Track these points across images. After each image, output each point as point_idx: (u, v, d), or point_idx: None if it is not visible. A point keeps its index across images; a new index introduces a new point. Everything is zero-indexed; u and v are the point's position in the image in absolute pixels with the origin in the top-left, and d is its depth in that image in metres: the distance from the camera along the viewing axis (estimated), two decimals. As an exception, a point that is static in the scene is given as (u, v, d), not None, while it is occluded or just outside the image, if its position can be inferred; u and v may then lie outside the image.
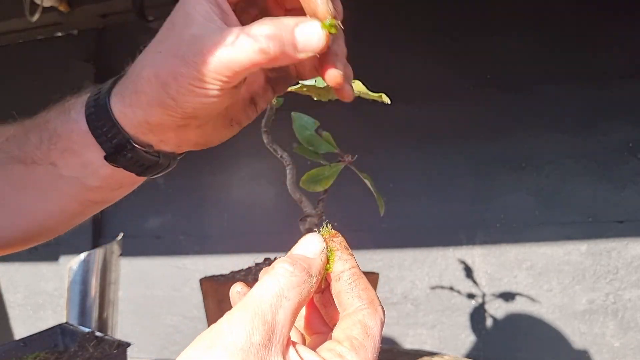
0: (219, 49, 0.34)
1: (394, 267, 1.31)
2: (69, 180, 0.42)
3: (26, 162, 0.42)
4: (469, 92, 1.29)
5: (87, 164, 0.41)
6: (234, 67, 0.34)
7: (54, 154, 0.42)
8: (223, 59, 0.34)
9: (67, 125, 0.41)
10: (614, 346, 1.16)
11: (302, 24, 0.34)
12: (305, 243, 0.33)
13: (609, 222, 1.18)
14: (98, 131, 0.40)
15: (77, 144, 0.41)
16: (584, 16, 1.23)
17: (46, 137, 0.42)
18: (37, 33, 1.62)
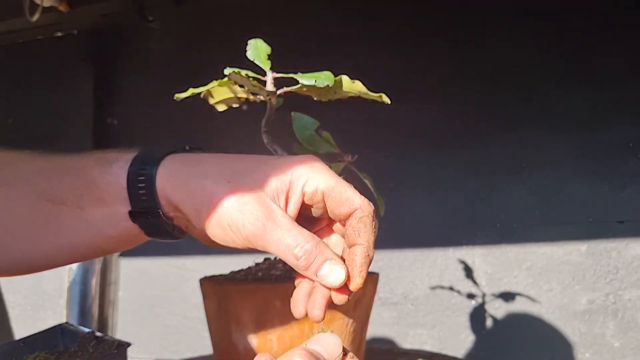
0: (268, 228, 0.39)
1: (394, 267, 1.31)
2: (90, 225, 0.44)
3: (54, 201, 0.44)
4: (469, 92, 1.29)
5: (112, 215, 0.44)
6: (266, 247, 0.40)
7: (85, 200, 0.44)
8: (264, 236, 0.39)
9: (107, 177, 0.44)
10: (614, 346, 1.16)
11: (333, 264, 0.40)
12: (324, 342, 0.35)
13: (609, 222, 1.18)
14: (134, 191, 0.43)
15: (110, 195, 0.43)
16: (584, 16, 1.23)
17: (82, 184, 0.44)
18: (37, 33, 1.62)
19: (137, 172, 0.43)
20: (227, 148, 1.55)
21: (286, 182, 0.41)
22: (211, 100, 0.58)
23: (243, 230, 0.40)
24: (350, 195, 0.41)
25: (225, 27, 1.50)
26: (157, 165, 0.43)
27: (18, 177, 0.46)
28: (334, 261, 0.40)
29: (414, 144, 1.32)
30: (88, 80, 1.57)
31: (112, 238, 0.45)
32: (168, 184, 0.42)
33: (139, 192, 0.42)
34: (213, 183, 0.41)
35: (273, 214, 0.40)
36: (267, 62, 0.55)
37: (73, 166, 0.46)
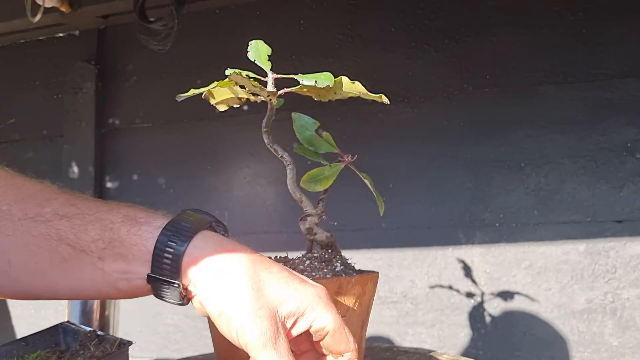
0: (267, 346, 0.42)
1: (394, 266, 1.32)
2: (105, 275, 0.46)
3: (75, 247, 0.46)
4: (469, 92, 1.30)
5: (130, 272, 0.46)
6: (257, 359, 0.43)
7: (107, 253, 0.46)
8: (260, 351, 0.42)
9: (133, 238, 0.45)
10: (613, 345, 1.17)
11: None
12: None
13: (608, 222, 1.19)
14: (159, 260, 0.44)
15: (133, 255, 0.45)
16: (583, 16, 1.23)
17: (107, 238, 0.46)
18: (39, 34, 1.63)
19: (165, 243, 0.45)
20: (228, 148, 1.55)
21: (301, 310, 0.44)
22: (212, 100, 0.59)
23: (246, 337, 0.43)
24: (349, 338, 0.46)
25: (226, 28, 1.50)
26: (188, 242, 0.45)
27: (42, 215, 0.47)
28: None
29: (413, 144, 1.32)
30: (90, 80, 1.58)
31: (120, 291, 0.47)
32: (194, 265, 0.45)
33: (164, 262, 0.44)
34: (239, 284, 0.44)
35: (278, 337, 0.43)
36: (268, 62, 0.56)
37: (100, 218, 0.47)
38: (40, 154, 1.65)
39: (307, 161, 0.63)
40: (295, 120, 0.63)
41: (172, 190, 1.52)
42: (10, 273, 0.47)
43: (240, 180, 1.46)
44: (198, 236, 0.46)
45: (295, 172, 0.60)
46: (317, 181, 0.61)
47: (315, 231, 0.62)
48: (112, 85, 1.60)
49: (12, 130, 1.68)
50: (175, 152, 1.53)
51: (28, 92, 1.67)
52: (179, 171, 1.52)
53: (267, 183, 1.44)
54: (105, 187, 1.58)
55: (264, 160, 1.44)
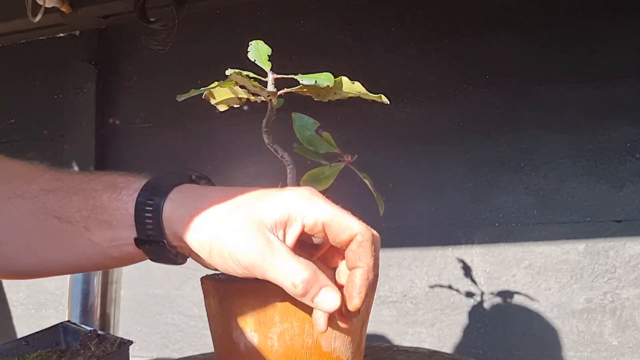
0: (266, 257, 0.41)
1: (394, 266, 1.32)
2: (94, 245, 0.46)
3: (62, 219, 0.46)
4: (468, 92, 1.30)
5: (117, 239, 0.46)
6: (265, 275, 0.42)
7: (92, 222, 0.46)
8: (263, 265, 0.41)
9: (115, 203, 0.45)
10: (612, 344, 1.17)
11: (329, 291, 0.42)
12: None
13: (607, 222, 1.19)
14: (141, 221, 0.44)
15: (117, 220, 0.45)
16: (583, 16, 1.23)
17: (90, 205, 0.46)
18: (39, 34, 1.63)
19: (144, 202, 0.45)
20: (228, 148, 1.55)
21: (285, 215, 0.43)
22: (212, 100, 0.59)
23: (243, 260, 0.41)
24: (349, 223, 0.44)
25: (226, 29, 1.51)
26: (165, 197, 0.45)
27: (28, 192, 0.47)
28: (329, 288, 0.42)
29: (413, 144, 1.33)
30: (90, 80, 1.58)
31: (115, 259, 0.47)
32: (174, 216, 0.44)
33: (146, 222, 0.44)
34: (215, 216, 0.43)
35: (271, 245, 0.42)
36: (268, 63, 0.56)
37: (82, 188, 0.47)
38: (41, 154, 1.65)
39: (307, 161, 0.63)
40: (295, 120, 0.63)
41: (173, 190, 1.52)
42: (2, 252, 0.47)
43: (240, 180, 1.46)
44: (175, 189, 0.46)
45: (295, 172, 0.60)
46: (317, 181, 0.61)
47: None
48: (113, 85, 1.60)
49: (12, 130, 1.68)
50: (175, 152, 1.53)
51: (28, 92, 1.67)
52: (180, 171, 1.52)
53: (268, 183, 1.43)
54: (106, 187, 1.58)
55: (264, 160, 1.44)
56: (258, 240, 0.41)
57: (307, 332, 0.60)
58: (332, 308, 0.42)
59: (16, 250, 0.47)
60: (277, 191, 0.45)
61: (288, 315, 0.58)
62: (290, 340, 0.59)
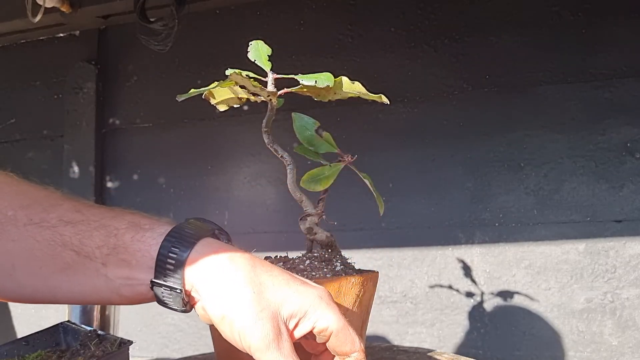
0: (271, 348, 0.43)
1: (394, 265, 1.32)
2: (108, 281, 0.47)
3: (80, 253, 0.47)
4: (468, 92, 1.30)
5: (133, 278, 0.46)
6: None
7: (111, 259, 0.46)
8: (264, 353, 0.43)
9: (137, 244, 0.46)
10: (612, 344, 1.17)
11: None
12: None
13: (607, 222, 1.19)
14: (162, 266, 0.45)
15: (137, 260, 0.46)
16: (583, 16, 1.23)
17: (112, 244, 0.46)
18: (39, 34, 1.63)
19: (168, 249, 0.45)
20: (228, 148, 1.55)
21: (302, 311, 0.45)
22: (212, 100, 0.59)
23: (248, 340, 0.43)
24: (354, 338, 0.46)
25: (226, 29, 1.51)
26: (190, 248, 0.46)
27: (47, 221, 0.47)
28: None
29: (413, 144, 1.33)
30: (90, 80, 1.58)
31: (123, 297, 0.47)
32: (196, 271, 0.45)
33: (167, 268, 0.45)
34: (240, 288, 0.44)
35: (280, 337, 0.43)
36: (268, 63, 0.56)
37: (104, 224, 0.48)
38: (41, 154, 1.65)
39: (307, 161, 0.63)
40: (295, 120, 0.63)
41: (173, 190, 1.52)
42: (15, 277, 0.48)
43: (240, 180, 1.46)
44: (201, 242, 0.46)
45: (295, 172, 0.60)
46: (317, 181, 0.61)
47: (315, 231, 0.62)
48: (113, 85, 1.60)
49: (12, 130, 1.68)
50: (175, 152, 1.53)
51: (28, 92, 1.68)
52: (179, 171, 1.52)
53: (268, 183, 1.44)
54: (106, 187, 1.59)
55: (264, 160, 1.44)
56: (270, 329, 0.43)
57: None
58: None
59: (28, 276, 0.48)
60: (302, 284, 0.46)
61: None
62: (290, 340, 0.59)
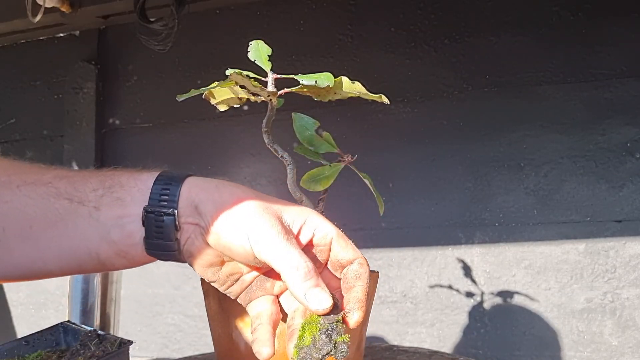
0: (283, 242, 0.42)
1: (394, 265, 1.32)
2: (98, 227, 0.46)
3: (73, 200, 0.46)
4: (468, 92, 1.30)
5: (125, 216, 0.45)
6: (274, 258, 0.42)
7: (105, 200, 0.46)
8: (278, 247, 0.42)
9: (134, 180, 0.46)
10: (612, 345, 1.17)
11: (323, 291, 0.42)
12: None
13: (607, 222, 1.19)
14: (158, 191, 0.45)
15: (132, 197, 0.46)
16: (584, 16, 1.23)
17: (107, 185, 0.46)
18: (39, 34, 1.63)
19: (167, 175, 0.46)
20: (228, 148, 1.55)
21: (302, 218, 0.46)
22: (212, 100, 0.59)
23: (256, 235, 0.42)
24: (353, 245, 0.46)
25: (226, 29, 1.51)
26: (187, 176, 0.47)
27: (41, 180, 0.47)
28: (324, 289, 0.43)
29: (413, 144, 1.33)
30: (90, 80, 1.58)
31: (112, 243, 0.46)
32: (194, 187, 0.45)
33: (162, 192, 0.45)
34: (242, 192, 0.45)
35: (288, 233, 0.44)
36: (268, 63, 0.56)
37: (100, 173, 0.48)
38: (41, 154, 1.65)
39: (307, 161, 0.63)
40: (295, 120, 0.63)
41: (173, 190, 1.52)
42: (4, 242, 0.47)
43: (240, 180, 1.46)
44: (196, 176, 0.48)
45: (295, 172, 0.60)
46: (317, 181, 0.61)
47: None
48: (113, 85, 1.60)
49: (12, 130, 1.68)
50: (175, 152, 1.53)
51: (28, 92, 1.68)
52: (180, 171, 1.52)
53: (268, 183, 1.44)
54: (106, 187, 1.58)
55: (264, 160, 1.44)
56: (279, 227, 0.43)
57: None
58: (320, 308, 0.42)
59: (18, 239, 0.46)
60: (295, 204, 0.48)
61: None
62: (290, 340, 0.59)
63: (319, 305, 0.42)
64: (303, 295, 0.42)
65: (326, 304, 0.42)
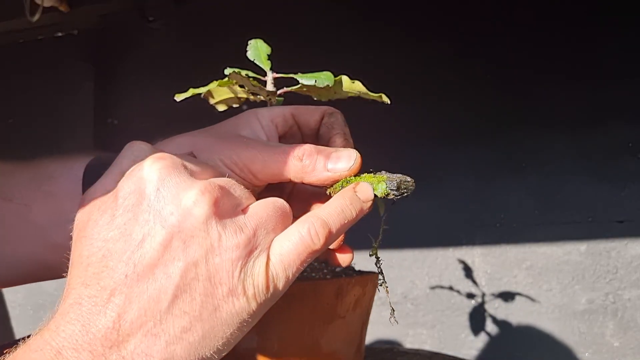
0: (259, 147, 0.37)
1: (394, 266, 1.31)
2: (37, 229, 0.41)
3: (2, 196, 0.41)
4: (469, 92, 1.30)
5: (61, 213, 0.40)
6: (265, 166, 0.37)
7: (35, 196, 0.41)
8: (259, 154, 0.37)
9: (63, 170, 0.42)
10: (614, 346, 1.17)
11: (340, 151, 0.38)
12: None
13: (609, 222, 1.18)
14: (91, 176, 0.40)
15: (63, 190, 0.41)
16: (585, 16, 1.23)
17: (36, 177, 0.42)
18: (38, 33, 1.62)
19: (99, 161, 0.42)
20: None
21: (254, 118, 0.41)
22: (211, 100, 0.59)
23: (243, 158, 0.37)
24: (314, 107, 0.43)
25: (225, 27, 1.50)
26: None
27: None
28: (337, 149, 0.38)
29: (414, 144, 1.32)
30: (88, 80, 1.57)
31: (57, 247, 0.39)
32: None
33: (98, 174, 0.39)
34: (188, 135, 0.41)
35: (260, 140, 0.39)
36: (267, 62, 0.55)
37: (31, 164, 0.44)
38: (39, 154, 1.64)
39: (307, 161, 0.62)
40: (295, 120, 0.62)
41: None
42: None
43: (239, 181, 1.46)
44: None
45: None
46: (317, 181, 0.60)
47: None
48: (111, 85, 1.60)
49: (11, 130, 1.68)
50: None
51: (27, 91, 1.67)
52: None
53: (267, 183, 1.43)
54: (105, 188, 1.58)
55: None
56: (248, 139, 0.38)
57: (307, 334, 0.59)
58: (352, 162, 0.38)
59: None
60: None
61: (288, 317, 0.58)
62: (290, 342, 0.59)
63: (348, 162, 0.38)
64: (326, 171, 0.37)
65: (352, 154, 0.38)
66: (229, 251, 0.30)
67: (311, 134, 0.43)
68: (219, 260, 0.29)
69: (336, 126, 0.42)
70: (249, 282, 0.30)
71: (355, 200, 0.37)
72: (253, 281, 0.30)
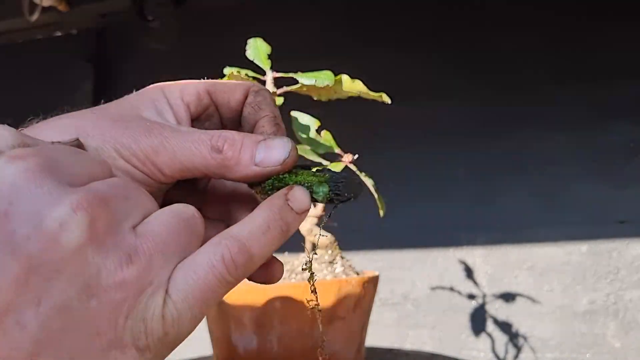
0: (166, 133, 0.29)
1: (395, 267, 1.31)
2: None
3: None
4: (470, 92, 1.29)
5: None
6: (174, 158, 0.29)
7: None
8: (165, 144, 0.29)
9: None
10: (615, 346, 1.16)
11: (270, 138, 0.31)
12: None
13: (610, 223, 1.18)
14: None
15: None
16: (584, 16, 1.23)
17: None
18: (37, 33, 1.62)
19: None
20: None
21: (160, 95, 0.33)
22: (211, 99, 0.58)
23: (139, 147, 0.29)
24: (235, 82, 0.35)
25: (224, 27, 1.50)
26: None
27: None
28: (267, 137, 0.31)
29: (414, 144, 1.32)
30: (87, 79, 1.57)
31: None
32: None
33: None
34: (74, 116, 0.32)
35: (167, 124, 0.31)
36: (267, 61, 0.55)
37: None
38: (39, 154, 1.64)
39: (307, 161, 0.62)
40: (295, 120, 0.62)
41: (171, 191, 1.51)
42: None
43: (239, 181, 1.45)
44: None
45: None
46: (317, 181, 0.60)
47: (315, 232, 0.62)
48: (110, 84, 1.59)
49: (10, 130, 1.68)
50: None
51: (25, 91, 1.67)
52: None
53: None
54: (104, 188, 1.58)
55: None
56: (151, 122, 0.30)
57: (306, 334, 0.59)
58: (285, 153, 0.30)
59: None
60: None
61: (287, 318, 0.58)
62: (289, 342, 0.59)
63: (282, 152, 0.30)
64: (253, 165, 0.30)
65: (287, 144, 0.31)
66: (111, 290, 0.22)
67: (232, 116, 0.35)
68: (95, 303, 0.22)
69: (264, 107, 0.34)
70: (139, 329, 0.23)
71: (286, 213, 0.28)
72: (145, 328, 0.23)
